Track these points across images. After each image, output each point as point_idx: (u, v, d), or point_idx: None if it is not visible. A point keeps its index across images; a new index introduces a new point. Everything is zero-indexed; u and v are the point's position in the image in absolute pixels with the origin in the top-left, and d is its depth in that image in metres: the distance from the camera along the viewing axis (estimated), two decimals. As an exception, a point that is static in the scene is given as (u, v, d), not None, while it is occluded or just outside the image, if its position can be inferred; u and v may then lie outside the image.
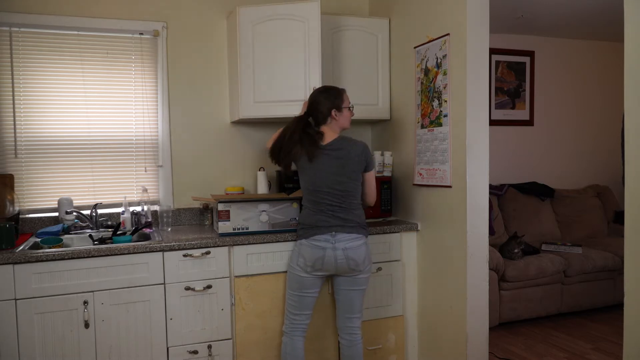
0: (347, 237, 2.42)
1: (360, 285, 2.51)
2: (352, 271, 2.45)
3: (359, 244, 2.44)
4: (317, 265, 2.43)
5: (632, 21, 1.73)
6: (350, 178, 2.42)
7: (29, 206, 2.90)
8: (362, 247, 2.45)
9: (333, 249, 2.40)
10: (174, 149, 3.12)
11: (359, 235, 2.45)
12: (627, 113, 1.75)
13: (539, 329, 3.78)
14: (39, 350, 2.34)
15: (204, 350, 2.59)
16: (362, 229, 2.47)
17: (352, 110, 2.55)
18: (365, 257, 2.46)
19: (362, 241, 2.45)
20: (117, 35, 3.01)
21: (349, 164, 2.42)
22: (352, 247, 2.42)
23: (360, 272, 2.47)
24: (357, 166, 2.44)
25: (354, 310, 2.54)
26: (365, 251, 2.46)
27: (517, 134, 4.81)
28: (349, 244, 2.42)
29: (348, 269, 2.44)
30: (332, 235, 2.41)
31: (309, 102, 2.51)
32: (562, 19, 4.28)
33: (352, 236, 2.43)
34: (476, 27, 2.52)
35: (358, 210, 2.47)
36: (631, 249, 1.75)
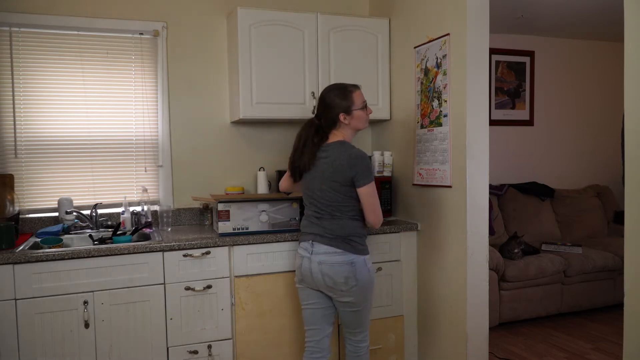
0: (323, 250, 2.21)
1: (350, 306, 2.26)
2: (331, 289, 2.23)
3: (338, 260, 2.18)
4: (298, 275, 2.34)
5: (632, 21, 1.73)
6: (331, 188, 2.21)
7: (29, 206, 2.90)
8: (342, 265, 2.18)
9: (309, 260, 2.25)
10: (174, 149, 3.12)
11: (339, 250, 2.19)
12: (627, 113, 1.75)
13: (539, 329, 3.78)
14: (39, 350, 2.34)
15: (204, 350, 2.59)
16: (344, 243, 2.20)
17: (366, 109, 2.30)
18: (350, 277, 2.19)
19: (342, 257, 2.18)
20: (117, 35, 3.00)
21: (330, 173, 2.20)
22: (328, 262, 2.19)
23: (342, 292, 2.22)
24: (338, 176, 2.18)
25: (352, 327, 2.35)
26: (348, 270, 2.18)
27: (517, 134, 4.81)
28: (324, 258, 2.20)
29: (326, 286, 2.24)
30: (310, 245, 2.26)
31: (318, 103, 2.33)
32: (562, 19, 4.28)
33: (329, 249, 2.20)
34: (476, 27, 2.52)
35: (344, 222, 2.22)
36: (631, 249, 1.75)
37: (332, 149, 2.23)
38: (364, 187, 2.18)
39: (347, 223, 2.23)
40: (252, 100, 2.90)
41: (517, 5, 3.88)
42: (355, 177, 2.17)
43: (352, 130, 2.30)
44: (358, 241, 2.24)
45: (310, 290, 2.33)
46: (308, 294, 2.35)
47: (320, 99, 2.31)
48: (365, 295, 2.26)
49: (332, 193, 2.21)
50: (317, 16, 2.99)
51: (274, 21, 2.91)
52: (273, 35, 2.91)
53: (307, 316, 2.39)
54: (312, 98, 3.00)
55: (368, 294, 2.27)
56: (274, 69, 2.92)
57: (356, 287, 2.21)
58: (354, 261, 2.20)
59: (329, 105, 2.25)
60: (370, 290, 2.28)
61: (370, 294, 2.29)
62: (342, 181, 2.19)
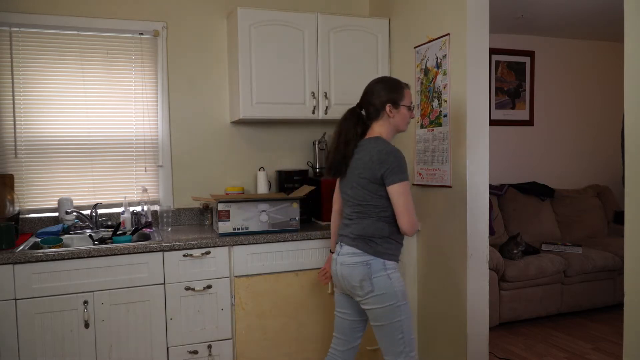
0: (346, 250, 2.10)
1: (374, 319, 2.07)
2: (352, 293, 2.11)
3: (354, 261, 2.05)
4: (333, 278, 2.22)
5: (632, 21, 1.73)
6: (360, 185, 2.07)
7: (29, 206, 2.90)
8: (356, 265, 2.04)
9: (335, 262, 2.15)
10: (174, 149, 3.12)
11: (358, 251, 2.05)
12: (627, 113, 1.75)
13: (539, 329, 3.78)
14: (39, 350, 2.34)
15: (204, 350, 2.59)
16: (364, 243, 2.06)
17: (412, 111, 2.18)
18: (364, 280, 2.02)
19: (358, 258, 2.05)
20: (117, 35, 3.00)
21: (360, 169, 2.06)
22: (346, 263, 2.07)
23: (361, 298, 2.06)
24: (367, 172, 2.03)
25: (383, 348, 2.11)
26: (363, 272, 2.02)
27: (517, 134, 4.81)
28: (344, 259, 2.09)
29: (347, 291, 2.13)
30: (339, 246, 2.16)
31: (364, 92, 2.17)
32: (562, 19, 4.28)
33: (350, 249, 2.08)
34: (476, 27, 2.52)
35: (369, 222, 2.07)
36: (631, 249, 1.75)
37: (366, 145, 2.09)
38: (393, 186, 2.00)
39: (372, 223, 2.06)
40: (252, 100, 2.90)
41: (517, 5, 3.88)
42: (385, 174, 2.00)
43: (393, 128, 2.15)
44: (380, 242, 2.05)
45: (343, 296, 2.22)
46: (340, 300, 2.25)
47: (368, 87, 2.17)
48: (388, 308, 2.02)
49: (361, 191, 2.06)
50: (317, 16, 2.99)
51: (274, 21, 2.91)
52: (273, 36, 2.91)
53: (336, 323, 2.29)
54: (312, 98, 3.00)
55: (392, 308, 2.02)
56: (274, 69, 2.92)
57: (373, 295, 2.03)
58: (369, 262, 2.03)
59: (377, 93, 2.11)
60: (393, 303, 2.02)
61: (395, 310, 2.02)
62: (370, 178, 2.03)
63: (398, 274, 2.08)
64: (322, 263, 2.77)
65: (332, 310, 2.77)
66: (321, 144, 3.25)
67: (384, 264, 2.04)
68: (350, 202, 2.14)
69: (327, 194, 2.96)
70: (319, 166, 3.25)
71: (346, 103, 3.07)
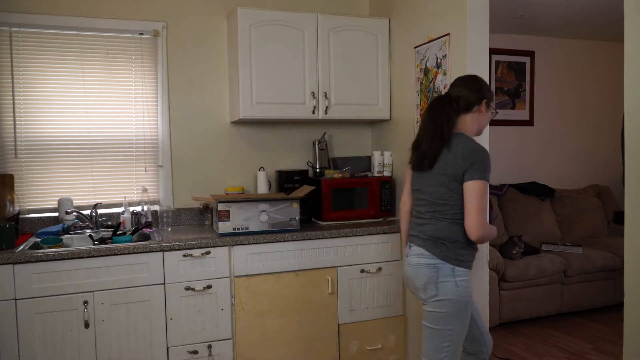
0: (415, 251, 2.02)
1: (427, 319, 1.99)
2: (415, 295, 2.06)
3: (420, 262, 1.97)
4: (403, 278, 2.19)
5: (632, 21, 1.73)
6: (439, 182, 1.97)
7: (29, 206, 2.90)
8: (423, 267, 1.96)
9: (405, 262, 2.09)
10: (174, 149, 3.12)
11: (426, 253, 1.97)
12: (627, 113, 1.75)
13: (539, 329, 3.78)
14: (39, 350, 2.34)
15: (204, 350, 2.59)
16: (434, 245, 1.97)
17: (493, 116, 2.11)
18: (429, 284, 1.94)
19: (425, 260, 1.96)
20: (117, 35, 3.00)
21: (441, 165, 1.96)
22: (413, 264, 2.00)
23: (423, 301, 1.99)
24: (449, 168, 1.94)
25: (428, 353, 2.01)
26: (429, 275, 1.94)
27: (517, 134, 4.81)
28: (412, 259, 2.01)
29: (411, 290, 2.08)
30: (409, 247, 2.08)
31: (457, 83, 2.06)
32: (562, 19, 4.28)
33: (419, 250, 1.99)
34: (476, 27, 2.52)
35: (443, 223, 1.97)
36: (631, 249, 1.75)
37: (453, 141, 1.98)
38: (470, 182, 1.88)
39: (447, 226, 1.97)
40: (252, 100, 2.90)
41: (517, 5, 3.88)
42: (466, 170, 1.89)
43: (478, 126, 2.06)
44: (451, 247, 1.95)
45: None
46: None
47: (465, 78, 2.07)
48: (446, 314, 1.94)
49: (441, 189, 1.96)
50: (317, 16, 2.99)
51: (274, 21, 2.91)
52: (273, 36, 2.91)
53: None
54: (312, 98, 3.00)
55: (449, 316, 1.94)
56: (273, 69, 2.92)
57: (436, 299, 1.94)
58: (438, 266, 1.94)
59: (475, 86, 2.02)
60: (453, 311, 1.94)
61: (452, 318, 1.94)
62: (452, 175, 1.93)
63: (467, 283, 1.96)
64: (322, 263, 2.77)
65: (332, 310, 2.78)
66: (321, 144, 3.25)
67: (452, 269, 1.94)
68: (426, 200, 2.03)
69: (327, 194, 2.96)
70: (319, 166, 3.24)
71: (346, 103, 3.09)
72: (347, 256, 2.82)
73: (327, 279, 2.78)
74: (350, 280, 2.83)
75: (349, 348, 2.85)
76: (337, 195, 3.00)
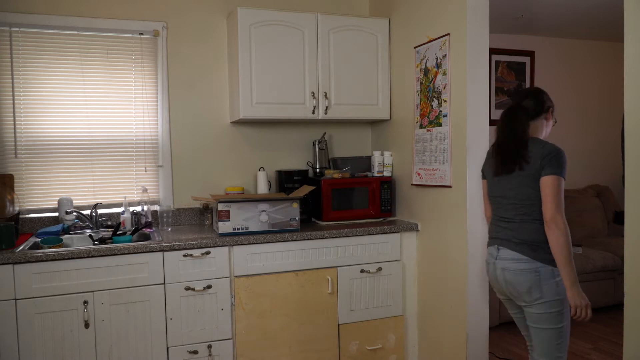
0: (508, 255, 2.07)
1: (535, 321, 2.05)
2: (516, 299, 2.10)
3: (521, 267, 2.02)
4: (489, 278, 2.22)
5: (632, 21, 1.73)
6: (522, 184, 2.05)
7: (29, 206, 2.90)
8: (525, 273, 2.02)
9: (494, 266, 2.13)
10: (174, 149, 3.12)
11: (524, 257, 2.03)
12: (627, 113, 1.75)
13: (539, 329, 3.78)
14: (39, 350, 2.34)
15: (204, 350, 2.59)
16: (531, 249, 2.02)
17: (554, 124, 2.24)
18: (533, 287, 2.01)
19: (526, 265, 2.02)
20: (117, 35, 3.00)
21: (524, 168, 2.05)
22: (511, 269, 2.05)
23: (526, 303, 2.06)
24: (530, 169, 2.03)
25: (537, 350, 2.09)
26: (532, 280, 2.00)
27: (517, 134, 4.80)
28: (508, 264, 2.06)
29: (510, 294, 2.12)
30: (496, 249, 2.13)
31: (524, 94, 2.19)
32: (562, 19, 4.28)
33: (514, 255, 2.05)
34: (476, 27, 2.52)
35: (535, 226, 2.04)
36: (631, 249, 1.75)
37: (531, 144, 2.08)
38: (548, 176, 1.98)
39: (537, 227, 2.03)
40: (252, 100, 2.90)
41: (517, 5, 3.88)
42: (545, 166, 1.99)
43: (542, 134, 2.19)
44: (547, 250, 2.01)
45: (506, 298, 2.20)
46: (506, 303, 2.22)
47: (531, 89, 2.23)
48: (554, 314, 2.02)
49: (526, 189, 2.04)
50: (317, 16, 2.99)
51: (274, 21, 2.91)
52: (273, 35, 2.91)
53: (517, 324, 2.27)
54: (312, 98, 3.00)
55: (558, 314, 2.02)
56: (274, 69, 2.92)
57: (541, 301, 2.01)
58: (539, 270, 2.00)
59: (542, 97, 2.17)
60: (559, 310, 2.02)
61: (561, 315, 2.03)
62: (534, 174, 2.02)
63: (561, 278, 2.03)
64: (322, 263, 2.77)
65: (332, 310, 2.78)
66: (321, 144, 3.25)
67: (552, 271, 2.01)
68: (511, 203, 2.10)
69: (327, 194, 2.96)
70: (319, 166, 3.24)
71: (346, 103, 3.09)
72: (347, 256, 2.82)
73: (327, 279, 2.78)
74: (350, 280, 2.83)
75: (349, 348, 2.85)
76: (337, 195, 3.00)
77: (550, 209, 1.97)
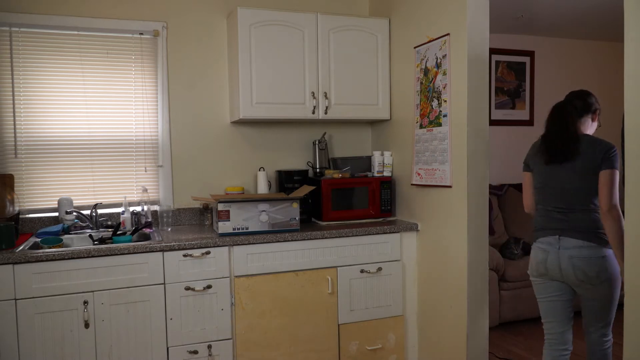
0: (574, 244, 2.24)
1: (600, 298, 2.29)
2: (581, 283, 2.26)
3: (591, 254, 2.22)
4: (540, 270, 2.36)
5: (632, 21, 1.73)
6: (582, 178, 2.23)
7: (29, 206, 2.90)
8: (595, 259, 2.22)
9: (557, 254, 2.28)
10: (174, 149, 3.12)
11: (592, 244, 2.22)
12: (627, 113, 1.75)
13: (539, 328, 3.76)
14: (39, 350, 2.34)
15: (204, 350, 2.59)
16: (596, 236, 2.22)
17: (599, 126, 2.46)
18: (602, 271, 2.21)
19: (595, 251, 2.22)
20: (117, 35, 3.00)
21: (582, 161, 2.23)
22: (580, 256, 2.23)
23: (592, 286, 2.25)
24: (589, 163, 2.22)
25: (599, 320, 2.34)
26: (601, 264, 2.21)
27: (517, 134, 4.81)
28: (575, 252, 2.24)
29: (576, 280, 2.27)
30: (557, 239, 2.29)
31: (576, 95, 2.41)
32: (562, 19, 4.28)
33: (582, 243, 2.23)
34: (476, 27, 2.52)
35: (594, 215, 2.24)
36: (631, 249, 1.75)
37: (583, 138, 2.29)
38: (607, 170, 2.18)
39: (595, 216, 2.24)
40: (252, 100, 2.90)
41: (517, 5, 3.88)
42: (604, 161, 2.19)
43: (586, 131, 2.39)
44: (605, 236, 2.23)
45: (553, 282, 2.35)
46: (549, 286, 2.37)
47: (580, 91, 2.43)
48: (616, 289, 2.28)
49: (585, 182, 2.23)
50: (317, 16, 3.00)
51: (274, 21, 2.91)
52: (273, 35, 2.91)
53: (547, 309, 2.42)
54: (312, 98, 3.00)
55: (618, 288, 2.28)
56: (274, 69, 2.92)
57: (607, 281, 2.23)
58: (605, 255, 2.22)
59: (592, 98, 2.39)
60: (619, 284, 2.28)
61: (618, 290, 2.29)
62: (592, 167, 2.21)
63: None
64: (322, 263, 2.77)
65: (332, 310, 2.78)
66: (321, 144, 3.25)
67: (613, 253, 2.23)
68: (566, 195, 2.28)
69: (327, 194, 2.96)
70: (319, 166, 3.25)
71: (346, 103, 3.09)
72: (347, 256, 2.82)
73: (327, 279, 2.78)
74: (350, 280, 2.83)
75: (349, 348, 2.85)
76: (337, 195, 3.00)
77: (608, 200, 2.16)
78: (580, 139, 2.29)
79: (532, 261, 2.41)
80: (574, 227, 2.25)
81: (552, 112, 2.41)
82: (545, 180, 2.36)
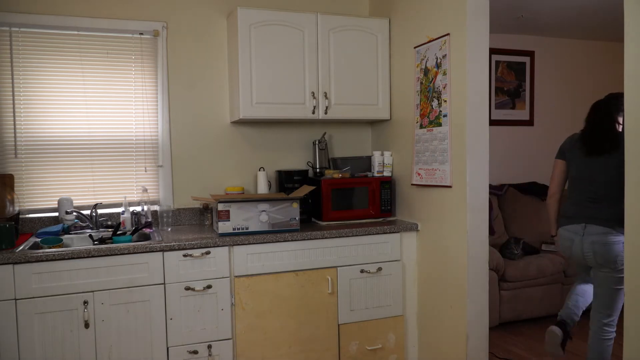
0: (597, 230, 2.50)
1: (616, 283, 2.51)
2: (601, 266, 2.53)
3: (612, 240, 2.46)
4: (566, 253, 2.66)
5: (632, 21, 1.73)
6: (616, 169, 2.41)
7: (29, 206, 2.90)
8: (615, 244, 2.45)
9: (581, 241, 2.57)
10: (174, 149, 3.12)
11: (614, 231, 2.47)
12: (627, 113, 1.75)
13: (539, 329, 3.78)
14: (39, 350, 2.34)
15: (204, 350, 2.59)
16: (619, 224, 2.43)
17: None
18: (619, 256, 2.45)
19: (616, 238, 2.46)
20: (117, 35, 3.00)
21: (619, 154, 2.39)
22: (601, 242, 2.49)
23: (610, 270, 2.49)
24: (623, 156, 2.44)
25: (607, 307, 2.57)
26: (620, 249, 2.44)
27: (517, 134, 4.81)
28: (597, 238, 2.50)
29: (596, 264, 2.54)
30: (583, 227, 2.55)
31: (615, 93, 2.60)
32: (562, 19, 4.28)
33: (604, 229, 2.48)
34: (476, 27, 2.52)
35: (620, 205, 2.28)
36: (631, 248, 1.75)
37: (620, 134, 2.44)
38: None
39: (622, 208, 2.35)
40: (252, 100, 2.90)
41: (517, 5, 3.88)
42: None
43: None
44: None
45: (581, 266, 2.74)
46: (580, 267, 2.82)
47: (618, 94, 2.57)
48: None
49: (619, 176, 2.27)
50: (317, 16, 2.99)
51: (274, 21, 2.91)
52: (273, 35, 2.91)
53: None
54: (312, 98, 3.00)
55: None
56: (274, 69, 2.92)
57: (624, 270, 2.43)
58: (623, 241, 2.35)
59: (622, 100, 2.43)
60: None
61: None
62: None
63: None
64: (322, 263, 2.77)
65: (332, 310, 2.78)
66: (321, 144, 3.25)
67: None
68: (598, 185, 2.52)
69: (327, 194, 2.96)
70: (319, 166, 3.24)
71: (346, 103, 3.09)
72: (347, 256, 2.82)
73: (327, 279, 2.78)
74: (350, 280, 2.83)
75: (349, 348, 2.85)
76: (337, 195, 3.00)
77: None
78: (619, 134, 2.46)
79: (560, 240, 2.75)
80: (602, 215, 2.47)
81: (594, 109, 2.63)
82: (583, 170, 2.57)
